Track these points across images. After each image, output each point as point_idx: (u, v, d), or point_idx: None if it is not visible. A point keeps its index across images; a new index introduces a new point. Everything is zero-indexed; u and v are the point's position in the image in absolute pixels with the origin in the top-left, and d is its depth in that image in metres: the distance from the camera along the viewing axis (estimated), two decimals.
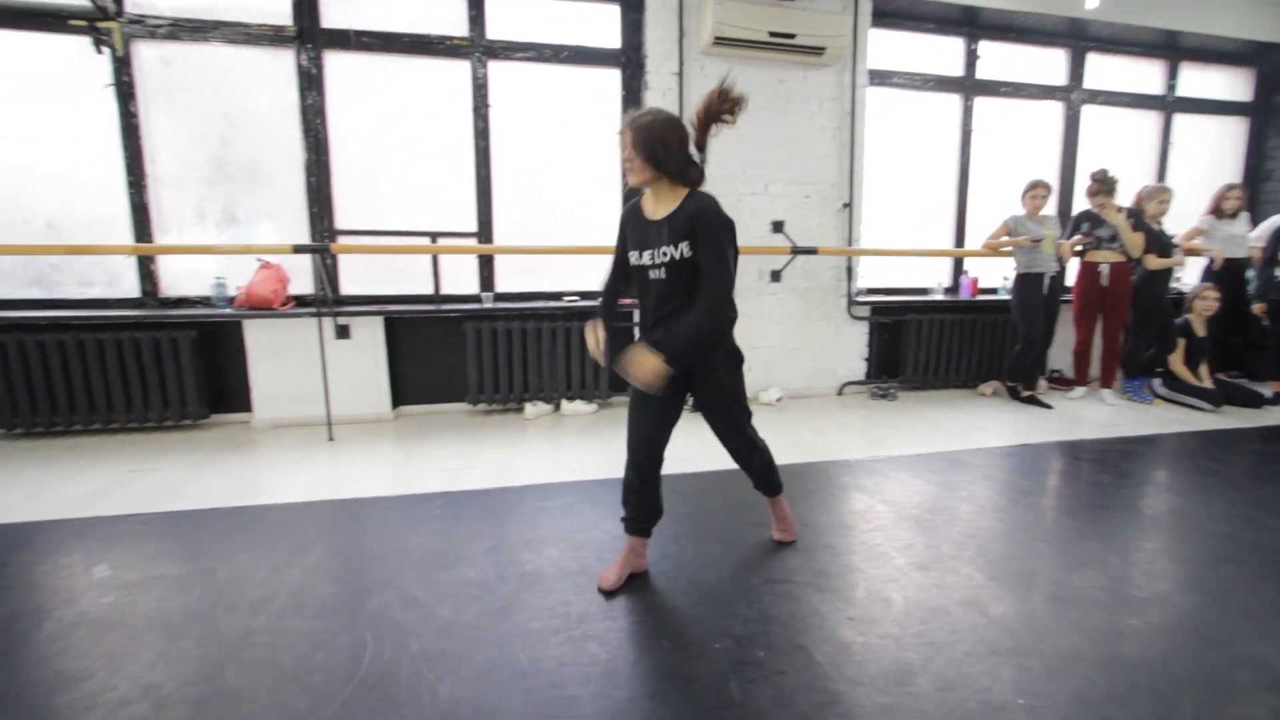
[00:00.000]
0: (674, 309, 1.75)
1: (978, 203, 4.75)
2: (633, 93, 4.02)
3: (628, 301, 2.07)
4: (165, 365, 3.46)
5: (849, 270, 4.33)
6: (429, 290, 3.97)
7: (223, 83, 3.62)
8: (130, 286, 3.65)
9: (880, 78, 4.39)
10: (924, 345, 4.50)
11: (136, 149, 3.53)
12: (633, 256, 1.79)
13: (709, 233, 1.68)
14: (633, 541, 1.93)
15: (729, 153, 4.04)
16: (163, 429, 3.55)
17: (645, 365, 1.69)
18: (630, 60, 4.00)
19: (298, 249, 3.32)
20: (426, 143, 3.89)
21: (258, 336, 3.59)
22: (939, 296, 4.64)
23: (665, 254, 1.71)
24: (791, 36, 3.82)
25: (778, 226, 4.15)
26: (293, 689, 1.44)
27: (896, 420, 3.83)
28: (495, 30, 3.86)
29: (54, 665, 1.52)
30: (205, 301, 3.65)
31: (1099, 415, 3.94)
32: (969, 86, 4.62)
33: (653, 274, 1.75)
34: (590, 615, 1.74)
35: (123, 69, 3.48)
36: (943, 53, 4.59)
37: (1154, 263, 4.11)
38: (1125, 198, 4.28)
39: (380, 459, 3.09)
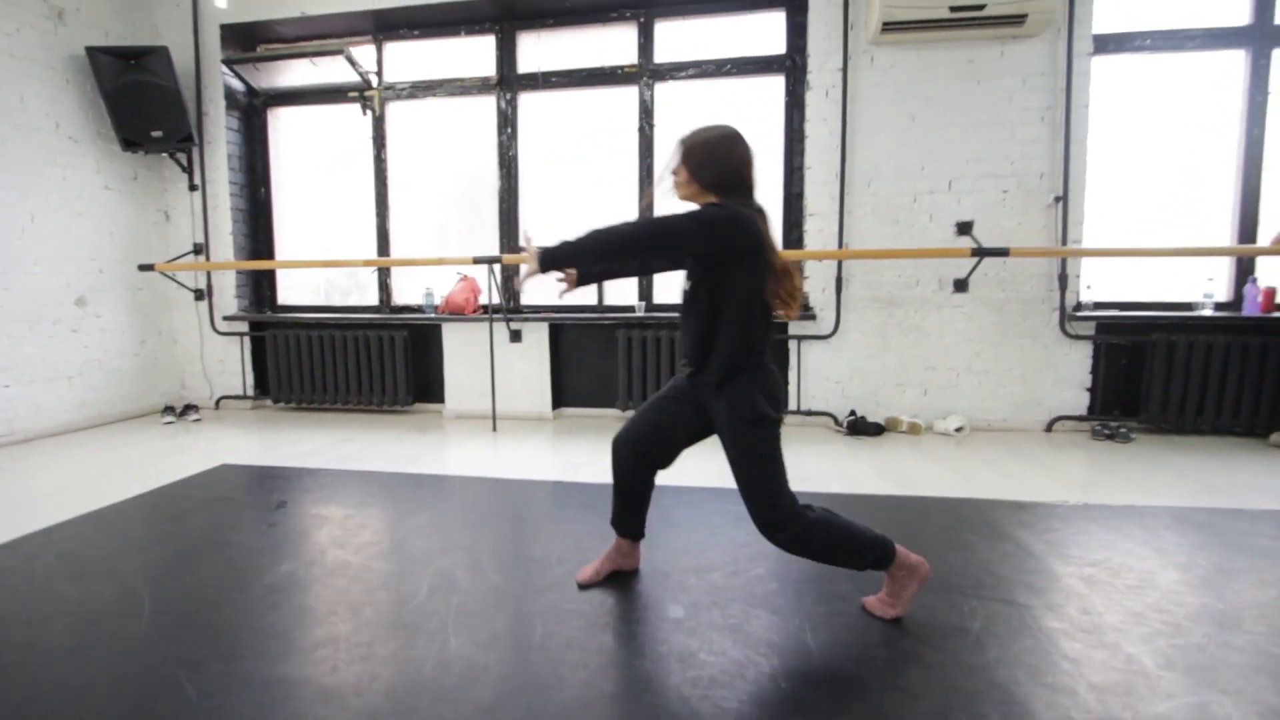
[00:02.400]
0: (688, 324, 1.62)
1: (1275, 189, 3.53)
2: (796, 96, 3.87)
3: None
4: (385, 359, 4.24)
5: (1063, 278, 3.54)
6: (593, 300, 4.24)
7: (444, 129, 4.38)
8: (373, 297, 4.56)
9: (1115, 43, 3.56)
10: (1181, 375, 3.45)
11: (384, 186, 4.44)
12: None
13: (687, 213, 1.51)
14: (618, 541, 1.84)
15: (904, 149, 3.63)
16: (381, 411, 4.34)
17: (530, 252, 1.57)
18: (795, 64, 3.86)
19: (476, 260, 3.83)
20: (598, 164, 4.21)
21: (452, 338, 4.19)
22: (1208, 312, 3.53)
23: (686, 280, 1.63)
24: (980, 7, 3.31)
25: (964, 228, 3.59)
26: (344, 615, 1.64)
27: (1120, 466, 2.99)
28: (663, 54, 4.04)
29: (200, 573, 1.95)
30: (418, 309, 4.40)
31: None
32: (1262, 37, 3.50)
33: (687, 295, 1.65)
34: (626, 607, 1.68)
35: (378, 125, 4.42)
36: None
37: None
38: None
39: (523, 450, 3.37)
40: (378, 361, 4.25)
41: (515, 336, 4.12)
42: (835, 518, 1.55)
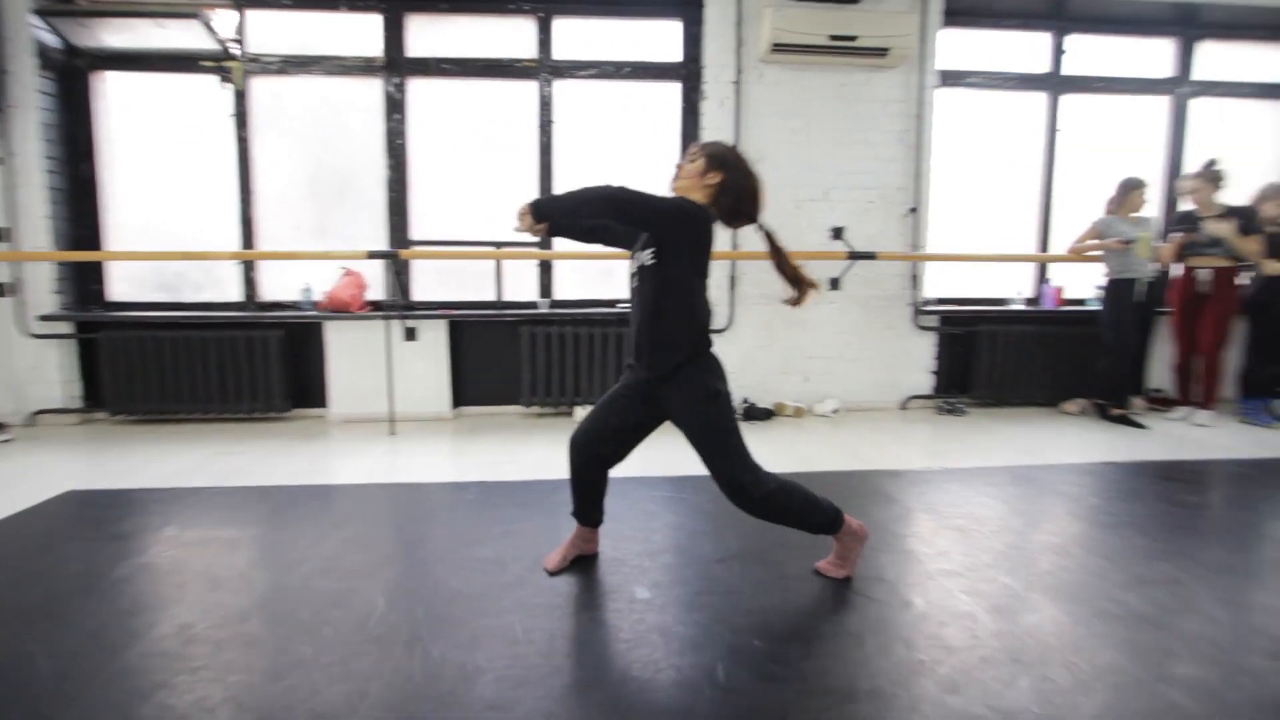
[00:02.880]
0: (644, 309, 1.70)
1: (1066, 206, 4.39)
2: (691, 104, 4.09)
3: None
4: (256, 362, 3.84)
5: (915, 278, 4.12)
6: (492, 297, 4.17)
7: (320, 109, 4.04)
8: (235, 292, 4.09)
9: (953, 78, 4.20)
10: (1000, 358, 4.18)
11: (247, 170, 3.99)
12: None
13: (677, 229, 1.64)
14: (579, 528, 1.94)
15: (787, 160, 4.00)
16: (251, 419, 3.92)
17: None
18: (690, 73, 4.07)
19: (371, 254, 3.61)
20: (495, 159, 4.13)
21: (336, 337, 3.90)
22: (1018, 306, 4.32)
23: (640, 258, 1.70)
24: (853, 39, 3.75)
25: (837, 233, 4.04)
26: (303, 637, 1.54)
27: (961, 435, 3.58)
28: (561, 51, 4.06)
29: (115, 604, 1.72)
30: (293, 305, 4.03)
31: (1202, 437, 3.50)
32: (1056, 83, 4.33)
33: (633, 282, 1.75)
34: (594, 595, 1.75)
35: (240, 101, 3.96)
36: (1026, 49, 4.33)
37: (1273, 268, 3.63)
38: (1239, 197, 3.84)
39: (430, 452, 3.26)
40: (246, 364, 3.84)
41: (410, 334, 3.94)
42: (795, 485, 1.74)
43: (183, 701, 1.31)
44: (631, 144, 4.16)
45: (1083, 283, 4.34)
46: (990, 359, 4.19)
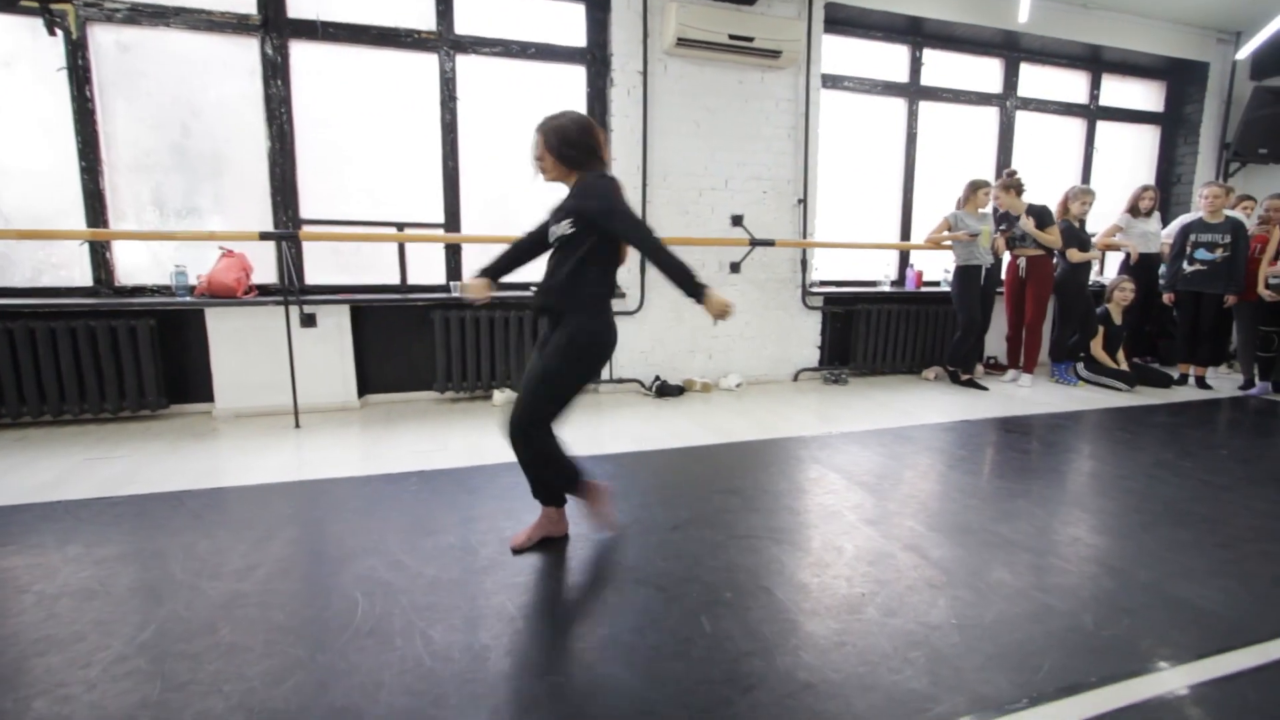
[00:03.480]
0: (555, 276, 1.88)
1: (922, 200, 5.06)
2: (598, 90, 4.15)
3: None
4: (122, 355, 3.40)
5: (804, 263, 4.56)
6: (396, 281, 4.00)
7: (184, 70, 3.58)
8: (83, 275, 3.56)
9: (833, 81, 4.64)
10: (873, 334, 4.77)
11: (92, 135, 3.46)
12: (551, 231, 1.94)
13: (607, 201, 1.82)
14: (545, 510, 2.04)
15: (691, 150, 4.21)
16: (119, 419, 3.48)
17: (719, 300, 1.83)
18: (595, 58, 4.13)
19: (264, 235, 3.33)
20: (394, 135, 3.93)
21: (220, 325, 3.56)
22: (886, 288, 4.93)
23: (555, 231, 1.89)
24: (750, 40, 4.01)
25: (737, 220, 4.35)
26: (289, 639, 1.51)
27: (847, 402, 4.07)
28: (463, 25, 3.92)
29: (42, 631, 1.55)
30: (164, 290, 3.60)
31: (1028, 395, 4.27)
32: (914, 92, 4.93)
33: (552, 246, 1.94)
34: (571, 570, 1.87)
35: (77, 53, 3.41)
36: (890, 59, 4.88)
37: (1075, 256, 4.48)
38: (1051, 198, 4.65)
39: (349, 444, 3.13)
40: (109, 358, 3.39)
41: (309, 321, 3.69)
42: (564, 453, 1.93)
43: (184, 718, 1.25)
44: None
45: (937, 267, 5.04)
46: (866, 334, 4.75)
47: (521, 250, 2.09)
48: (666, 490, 2.51)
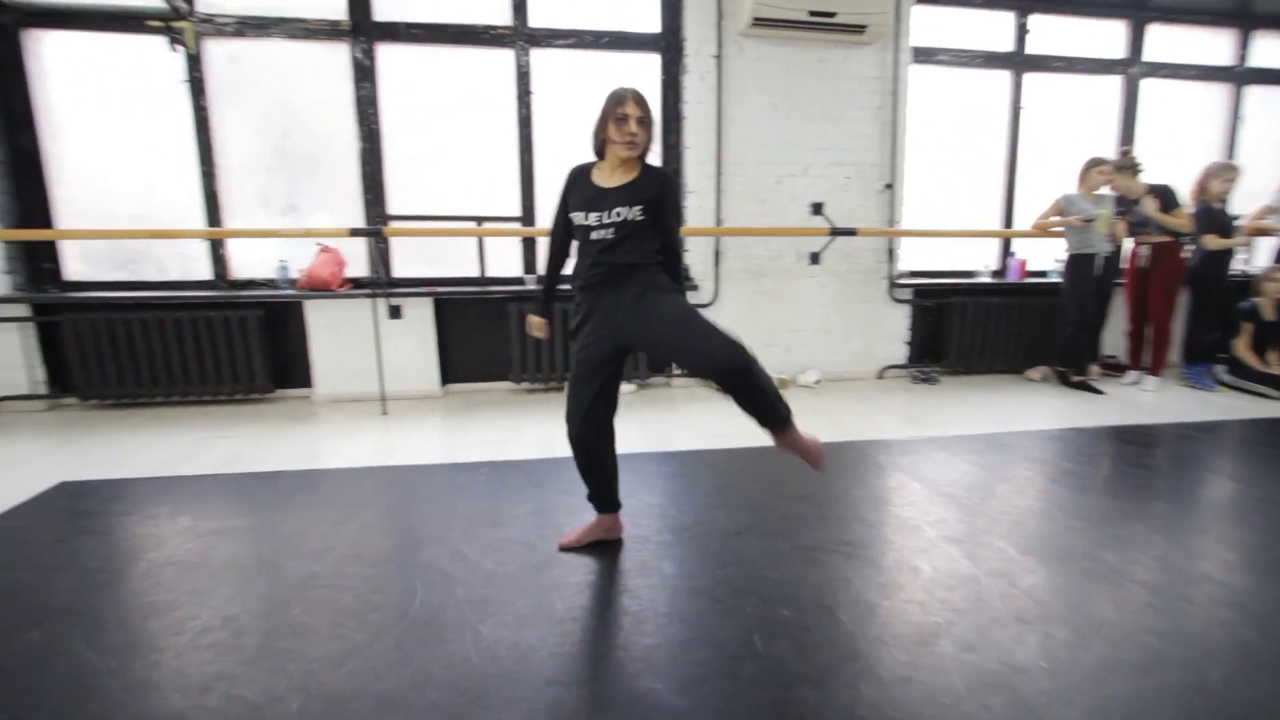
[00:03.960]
0: (612, 262, 1.80)
1: (1028, 182, 4.60)
2: (672, 77, 4.06)
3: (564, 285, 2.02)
4: (235, 343, 3.72)
5: (890, 252, 4.28)
6: (475, 273, 4.12)
7: (284, 76, 3.84)
8: (203, 270, 3.92)
9: (924, 55, 4.30)
10: (969, 329, 4.41)
11: (207, 141, 3.78)
12: (578, 217, 1.85)
13: (676, 198, 1.91)
14: (600, 516, 2.00)
15: (768, 135, 4.04)
16: (233, 401, 3.81)
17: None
18: (670, 44, 4.03)
19: (354, 232, 3.51)
20: (472, 130, 4.03)
21: (317, 316, 3.80)
22: (985, 279, 4.54)
23: (619, 214, 1.79)
24: (832, 15, 3.78)
25: (817, 208, 4.13)
26: (352, 624, 1.58)
27: (937, 404, 3.79)
28: (537, 18, 3.95)
29: (148, 597, 1.71)
30: (270, 284, 3.89)
31: (1154, 401, 3.80)
32: (1019, 62, 4.48)
33: (596, 234, 1.82)
34: (624, 572, 1.83)
35: (194, 66, 3.72)
36: (991, 28, 4.45)
37: (1213, 243, 3.93)
38: (1186, 178, 4.09)
39: (428, 432, 3.26)
40: (225, 345, 3.72)
41: (395, 313, 3.87)
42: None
43: (249, 692, 1.33)
44: None
45: (1045, 256, 4.59)
46: (960, 329, 4.40)
47: (562, 258, 2.04)
48: (731, 492, 2.42)
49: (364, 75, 3.86)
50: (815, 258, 4.19)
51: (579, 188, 1.89)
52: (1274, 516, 2.21)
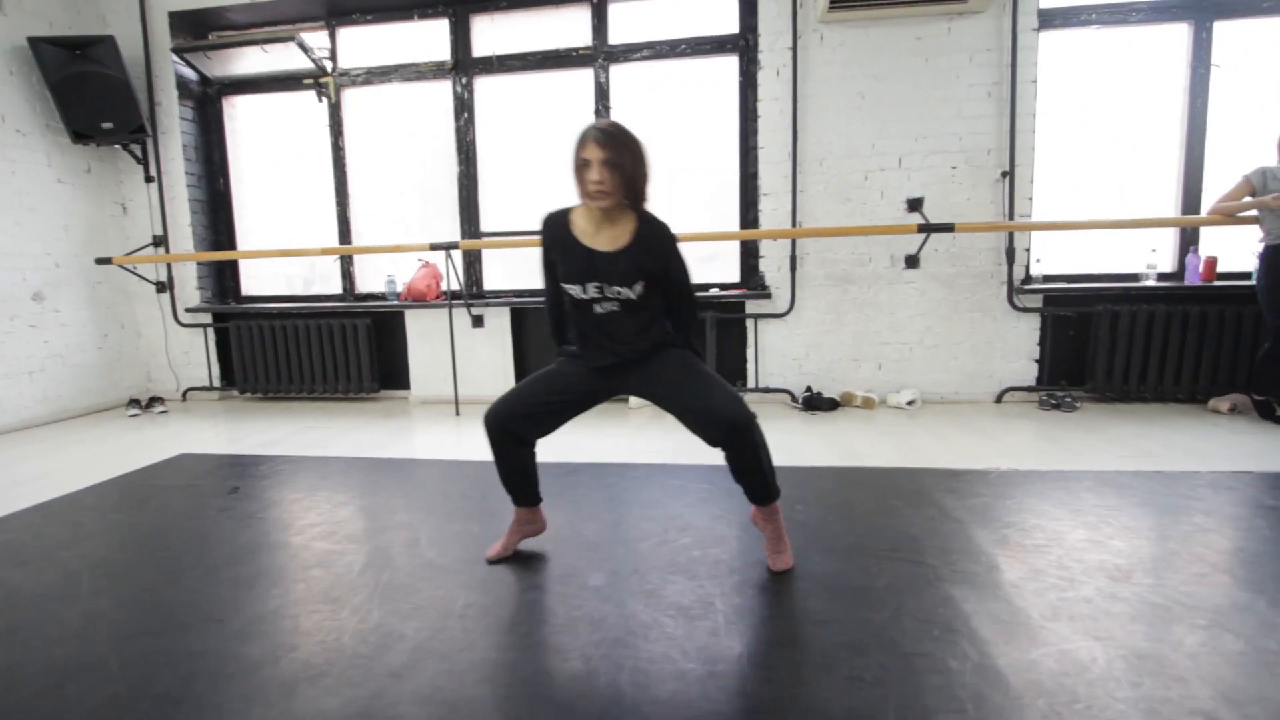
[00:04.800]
0: (626, 341, 1.68)
1: (1218, 160, 3.60)
2: (749, 76, 3.88)
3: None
4: (350, 347, 4.26)
5: (1009, 252, 3.60)
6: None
7: (400, 113, 4.37)
8: (336, 285, 4.57)
9: (1059, 17, 3.59)
10: (1125, 345, 3.53)
11: (343, 174, 4.43)
12: (573, 290, 1.64)
13: (678, 259, 1.69)
14: (518, 511, 1.88)
15: (853, 127, 3.67)
16: (346, 399, 4.37)
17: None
18: (748, 43, 3.86)
19: (433, 246, 3.85)
20: (556, 148, 4.21)
21: (415, 325, 4.22)
22: (1151, 282, 3.61)
23: (618, 293, 1.62)
24: None
25: (914, 205, 3.63)
26: (277, 592, 1.69)
27: (1064, 435, 3.06)
28: (617, 35, 4.03)
29: (168, 543, 2.00)
30: (381, 296, 4.41)
31: None
32: (1204, 7, 3.54)
33: (599, 308, 1.65)
34: (545, 580, 1.74)
35: (335, 112, 4.39)
36: None
37: None
38: None
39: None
40: (341, 350, 4.28)
41: (477, 322, 4.15)
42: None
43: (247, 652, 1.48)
44: (690, 123, 4.04)
45: (1242, 252, 3.53)
46: (1112, 345, 3.55)
47: (562, 319, 1.84)
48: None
49: (463, 107, 4.25)
50: (912, 260, 3.67)
51: (562, 248, 1.67)
52: None
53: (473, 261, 4.34)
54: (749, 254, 4.02)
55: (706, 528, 2.05)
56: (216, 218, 4.62)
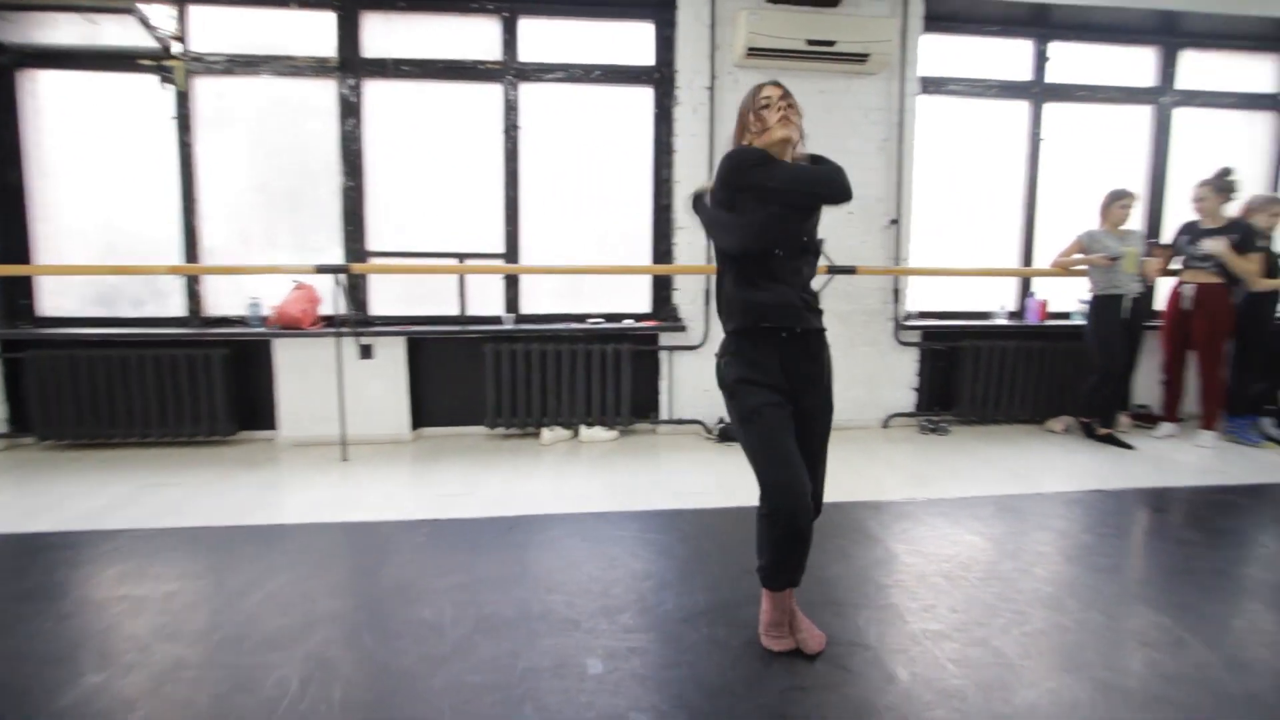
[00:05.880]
0: (806, 288, 1.64)
1: (1049, 218, 4.28)
2: (664, 109, 3.90)
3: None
4: (199, 382, 3.58)
5: (896, 292, 3.98)
6: (455, 311, 3.95)
7: (271, 113, 3.79)
8: (178, 306, 3.82)
9: (934, 85, 4.06)
10: (984, 375, 4.05)
11: (190, 177, 3.73)
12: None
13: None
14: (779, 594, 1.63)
15: None
16: (193, 444, 3.66)
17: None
18: (663, 77, 3.88)
19: (320, 269, 3.37)
20: (457, 165, 3.91)
21: (285, 355, 3.66)
22: (1002, 321, 4.19)
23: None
24: (831, 44, 3.59)
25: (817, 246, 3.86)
26: None
27: (945, 458, 3.43)
28: (527, 53, 3.85)
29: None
30: (241, 321, 3.78)
31: (1190, 458, 3.39)
32: (1038, 92, 4.21)
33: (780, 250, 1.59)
34: (536, 672, 1.55)
35: (183, 103, 3.69)
36: (1009, 56, 4.21)
37: (1261, 283, 3.53)
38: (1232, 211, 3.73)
39: (385, 481, 3.04)
40: (188, 385, 3.58)
41: (366, 352, 3.71)
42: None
43: None
44: (602, 150, 3.96)
45: (1068, 296, 4.23)
46: (974, 375, 4.05)
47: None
48: (691, 562, 2.12)
49: (349, 111, 3.79)
50: None
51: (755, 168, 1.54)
52: None
53: (357, 283, 3.87)
54: (661, 285, 4.03)
55: (679, 584, 1.96)
56: (6, 218, 3.66)
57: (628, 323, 3.90)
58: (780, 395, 1.54)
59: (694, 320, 3.89)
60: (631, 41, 3.90)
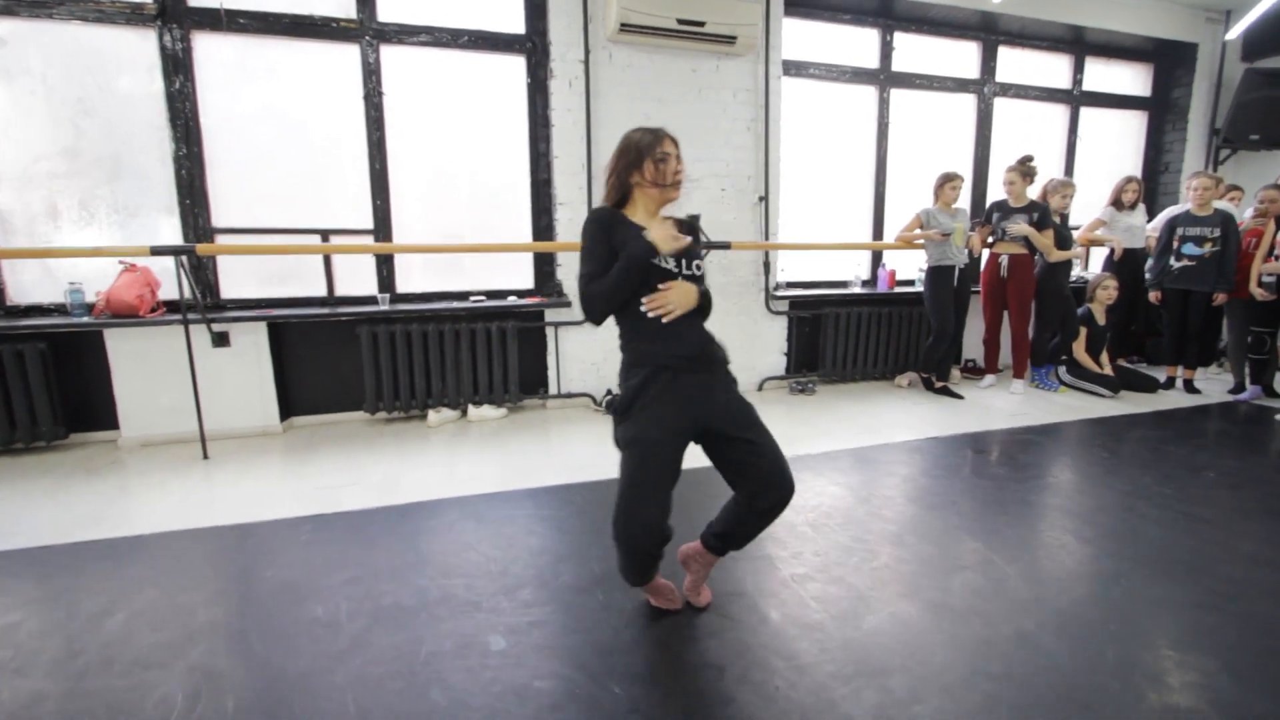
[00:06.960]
0: (701, 329, 1.75)
1: (895, 195, 4.76)
2: (539, 81, 3.83)
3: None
4: (12, 382, 3.11)
5: (766, 265, 4.27)
6: (322, 292, 3.71)
7: (75, 65, 3.26)
8: None
9: (796, 69, 4.33)
10: (842, 338, 4.49)
11: None
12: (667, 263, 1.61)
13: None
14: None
15: None
16: (11, 452, 3.19)
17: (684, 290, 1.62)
18: (535, 47, 3.80)
19: (156, 251, 3.02)
20: (316, 133, 3.61)
21: (121, 347, 3.26)
22: (857, 290, 4.64)
23: (698, 267, 1.72)
24: (701, 24, 3.70)
25: (692, 221, 4.03)
26: None
27: (812, 416, 3.80)
28: (387, 13, 3.60)
29: None
30: (60, 310, 3.30)
31: (1006, 404, 4.01)
32: (884, 79, 4.61)
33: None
34: (440, 655, 1.59)
35: None
36: (859, 44, 4.56)
37: (1055, 255, 4.20)
38: (1032, 191, 4.36)
39: (257, 478, 2.85)
40: None
41: (220, 340, 3.40)
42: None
43: None
44: (477, 122, 3.84)
45: (911, 266, 4.75)
46: (834, 339, 4.47)
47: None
48: (585, 535, 2.23)
49: (177, 67, 3.35)
50: None
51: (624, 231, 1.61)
52: (1099, 526, 2.30)
53: (204, 264, 3.51)
54: (544, 261, 4.02)
55: (576, 556, 2.07)
56: None
57: (512, 300, 3.87)
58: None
59: (575, 296, 3.93)
60: (501, 7, 3.77)
